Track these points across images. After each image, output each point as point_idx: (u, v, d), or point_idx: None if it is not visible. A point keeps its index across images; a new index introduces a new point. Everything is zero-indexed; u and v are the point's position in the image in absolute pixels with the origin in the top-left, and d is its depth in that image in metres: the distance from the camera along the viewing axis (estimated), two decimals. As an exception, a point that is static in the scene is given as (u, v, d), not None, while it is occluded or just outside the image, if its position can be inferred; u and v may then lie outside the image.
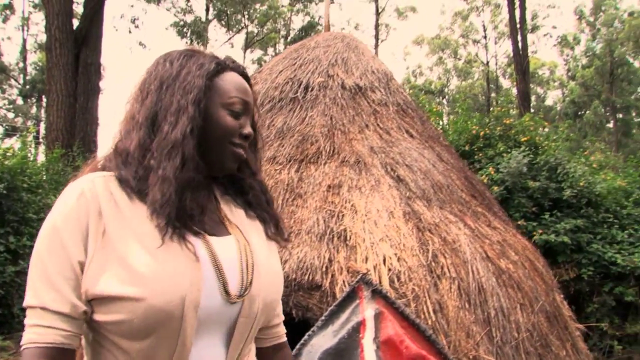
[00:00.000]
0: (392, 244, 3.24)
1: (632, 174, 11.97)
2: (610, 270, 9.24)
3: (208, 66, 1.41)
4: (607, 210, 10.10)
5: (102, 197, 1.25)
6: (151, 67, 1.45)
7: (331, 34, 5.94)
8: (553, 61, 45.19)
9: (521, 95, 21.75)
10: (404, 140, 4.44)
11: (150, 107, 1.35)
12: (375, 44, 35.01)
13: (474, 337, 2.99)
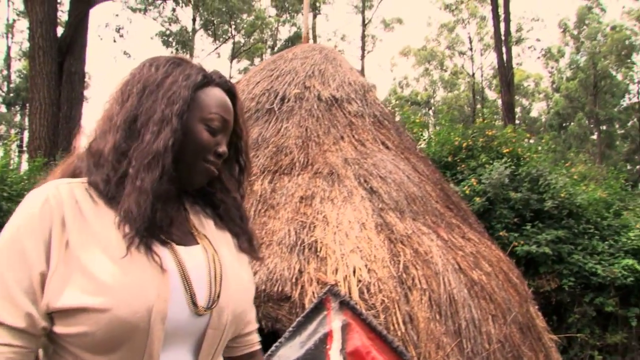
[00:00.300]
0: (363, 256, 3.25)
1: (613, 186, 12.08)
2: (590, 280, 9.30)
3: (195, 77, 1.37)
4: (588, 221, 10.18)
5: (66, 205, 1.19)
6: (136, 69, 1.40)
7: (309, 45, 5.95)
8: (538, 73, 45.59)
9: (506, 107, 21.92)
10: (379, 152, 4.46)
11: (130, 111, 1.30)
12: (362, 55, 35.19)
13: (444, 349, 3.00)
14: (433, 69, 43.64)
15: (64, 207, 1.19)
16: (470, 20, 39.91)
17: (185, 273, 1.26)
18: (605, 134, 40.40)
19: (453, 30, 41.04)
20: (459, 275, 3.50)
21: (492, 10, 23.12)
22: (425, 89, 44.14)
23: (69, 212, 1.19)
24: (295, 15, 33.01)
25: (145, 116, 1.29)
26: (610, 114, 38.80)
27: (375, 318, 2.88)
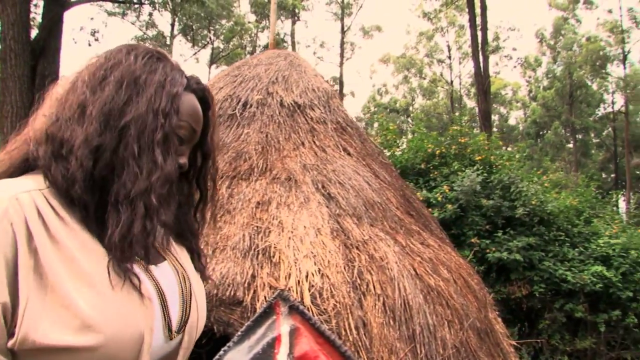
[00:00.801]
0: (317, 261, 3.25)
1: (584, 193, 12.24)
2: (561, 287, 9.41)
3: (181, 82, 1.26)
4: (558, 228, 10.30)
5: (30, 221, 1.01)
6: (111, 53, 1.23)
7: (274, 52, 5.98)
8: (517, 82, 46.13)
9: (482, 115, 22.08)
10: (340, 158, 4.48)
11: (108, 102, 1.13)
12: (341, 62, 35.31)
13: (398, 354, 3.01)
14: (412, 77, 43.94)
15: (28, 222, 1.01)
16: (449, 29, 40.31)
17: (164, 298, 1.17)
18: (580, 143, 40.93)
19: (432, 38, 41.40)
20: (415, 281, 3.52)
21: (469, 19, 23.31)
22: (404, 96, 44.41)
23: (36, 230, 1.01)
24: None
25: (137, 119, 1.14)
26: (585, 123, 39.33)
27: (327, 323, 2.88)
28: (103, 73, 1.18)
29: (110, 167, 1.12)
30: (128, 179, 1.10)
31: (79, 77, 1.20)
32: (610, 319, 9.36)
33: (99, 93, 1.14)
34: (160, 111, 1.16)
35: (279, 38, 32.28)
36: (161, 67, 1.23)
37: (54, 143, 1.10)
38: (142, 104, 1.15)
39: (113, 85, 1.15)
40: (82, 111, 1.13)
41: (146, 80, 1.19)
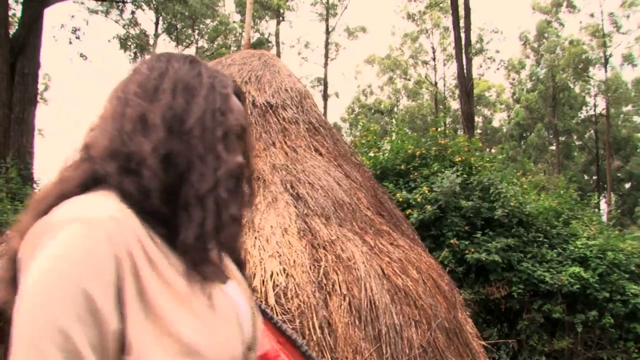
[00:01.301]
0: (282, 260, 3.26)
1: (563, 195, 12.35)
2: (539, 288, 9.49)
3: (227, 83, 1.28)
4: (537, 229, 10.40)
5: (131, 243, 0.99)
6: (153, 63, 1.24)
7: (249, 51, 5.97)
8: (501, 84, 46.45)
9: (465, 116, 22.21)
10: (311, 158, 4.49)
11: (168, 109, 1.14)
12: (325, 63, 35.37)
13: (363, 354, 3.02)
14: (397, 78, 44.10)
15: (130, 245, 0.99)
16: (434, 31, 40.52)
17: (240, 317, 1.18)
18: (563, 145, 41.31)
19: (417, 40, 41.58)
20: (382, 281, 3.53)
21: (452, 21, 23.44)
22: (389, 97, 44.54)
23: (136, 253, 0.99)
24: (259, 21, 33.05)
25: (199, 121, 1.16)
26: (568, 125, 39.69)
27: (291, 323, 2.89)
28: (154, 82, 1.18)
29: (179, 172, 1.12)
30: (196, 179, 1.11)
31: (125, 91, 1.19)
32: (587, 319, 9.46)
33: (156, 102, 1.15)
34: (217, 110, 1.19)
35: (263, 38, 32.35)
36: (203, 69, 1.25)
37: (120, 158, 1.08)
38: (199, 106, 1.17)
39: (169, 93, 1.16)
40: (144, 122, 1.12)
41: (196, 83, 1.21)
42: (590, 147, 41.95)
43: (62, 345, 0.86)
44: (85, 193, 1.06)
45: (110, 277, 0.93)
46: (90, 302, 0.89)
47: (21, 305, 0.89)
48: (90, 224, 0.95)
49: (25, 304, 0.89)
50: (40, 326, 0.86)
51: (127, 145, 1.09)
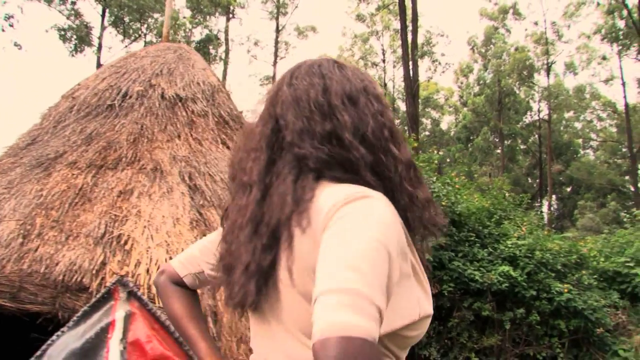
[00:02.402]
0: (170, 249, 3.28)
1: (497, 196, 12.65)
2: (469, 286, 9.66)
3: (373, 81, 1.43)
4: (470, 229, 10.58)
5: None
6: (306, 79, 1.38)
7: (165, 45, 5.96)
8: (450, 87, 47.15)
9: (410, 118, 22.48)
10: (216, 151, 4.52)
11: (352, 126, 1.29)
12: (274, 61, 35.26)
13: (247, 343, 3.06)
14: (348, 79, 44.24)
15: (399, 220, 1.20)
16: (384, 33, 40.87)
17: None
18: (508, 149, 42.18)
19: (367, 41, 41.87)
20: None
21: (400, 24, 23.73)
22: (339, 97, 44.62)
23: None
24: (209, 17, 32.76)
25: (372, 129, 1.30)
26: (513, 129, 40.57)
27: (160, 309, 2.91)
28: (323, 100, 1.32)
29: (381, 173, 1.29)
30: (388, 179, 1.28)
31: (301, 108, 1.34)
32: (515, 316, 9.68)
33: (336, 120, 1.30)
34: (377, 112, 1.34)
35: (212, 34, 32.03)
36: (350, 74, 1.39)
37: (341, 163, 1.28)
38: (366, 114, 1.32)
39: (342, 110, 1.31)
40: (338, 138, 1.29)
41: (354, 91, 1.35)
42: (534, 151, 42.98)
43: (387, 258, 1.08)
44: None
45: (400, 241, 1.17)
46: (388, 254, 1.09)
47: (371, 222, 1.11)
48: (385, 205, 1.17)
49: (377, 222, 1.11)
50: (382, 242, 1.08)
51: (337, 157, 1.28)
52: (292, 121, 1.33)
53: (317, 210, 1.20)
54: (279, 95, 1.40)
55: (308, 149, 1.29)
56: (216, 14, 33.19)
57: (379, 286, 1.04)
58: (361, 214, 1.13)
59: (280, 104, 1.38)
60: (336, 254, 1.07)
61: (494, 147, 42.32)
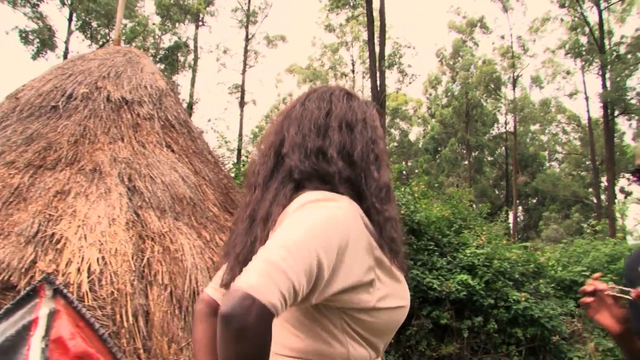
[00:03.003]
0: (103, 249, 3.30)
1: (457, 205, 12.81)
2: (428, 294, 9.73)
3: (374, 113, 1.71)
4: (430, 238, 10.67)
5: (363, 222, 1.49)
6: (316, 102, 1.65)
7: (115, 48, 5.97)
8: (419, 99, 47.54)
9: (377, 128, 22.62)
10: (160, 154, 4.54)
11: (340, 145, 1.57)
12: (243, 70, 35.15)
13: (179, 343, 3.09)
14: (318, 89, 44.32)
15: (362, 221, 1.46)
16: (354, 43, 41.12)
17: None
18: (475, 160, 42.65)
19: (337, 51, 42.05)
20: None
21: (367, 35, 23.94)
22: (309, 107, 44.63)
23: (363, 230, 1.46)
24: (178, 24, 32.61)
25: (360, 153, 1.58)
26: (480, 141, 41.04)
27: (102, 309, 2.93)
28: (323, 122, 1.60)
29: (358, 191, 1.55)
30: (366, 196, 1.53)
31: (301, 127, 1.61)
32: (473, 325, 9.78)
33: (328, 139, 1.57)
34: (369, 141, 1.60)
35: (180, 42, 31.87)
36: (356, 105, 1.66)
37: (319, 176, 1.54)
38: (359, 140, 1.59)
39: (337, 131, 1.58)
40: (324, 154, 1.55)
41: (353, 119, 1.62)
42: (501, 162, 43.53)
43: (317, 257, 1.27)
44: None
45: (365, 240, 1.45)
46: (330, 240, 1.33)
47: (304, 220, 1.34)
48: (343, 206, 1.44)
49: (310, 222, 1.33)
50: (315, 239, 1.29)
51: (317, 170, 1.53)
52: (292, 135, 1.60)
53: (285, 212, 1.46)
54: (291, 111, 1.67)
55: (295, 162, 1.55)
56: (185, 21, 33.05)
57: (302, 267, 1.23)
58: (312, 211, 1.38)
59: (289, 119, 1.65)
60: (278, 235, 1.31)
61: (461, 159, 42.74)
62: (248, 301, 1.14)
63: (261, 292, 1.15)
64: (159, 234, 3.70)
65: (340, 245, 1.34)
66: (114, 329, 2.89)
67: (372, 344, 1.52)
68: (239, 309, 1.13)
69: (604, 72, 30.50)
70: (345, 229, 1.37)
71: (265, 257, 1.23)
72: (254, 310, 1.13)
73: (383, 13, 23.47)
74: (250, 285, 1.16)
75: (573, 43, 33.24)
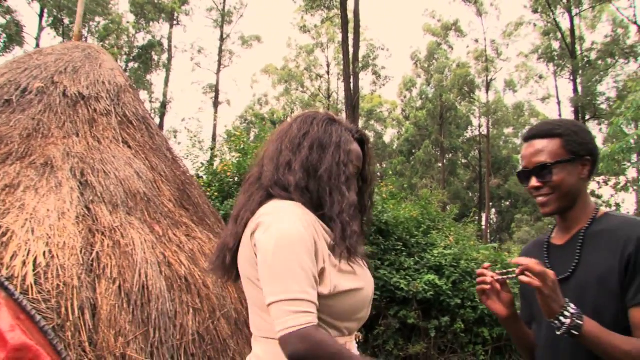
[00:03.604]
0: (51, 243, 3.28)
1: (426, 206, 12.90)
2: (396, 294, 9.78)
3: (348, 137, 1.97)
4: (398, 238, 10.73)
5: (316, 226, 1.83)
6: (301, 124, 1.95)
7: (74, 43, 5.94)
8: (394, 101, 47.81)
9: (350, 130, 22.71)
10: (115, 150, 4.54)
11: (306, 161, 1.87)
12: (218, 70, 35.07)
13: (127, 336, 3.10)
14: (294, 90, 44.44)
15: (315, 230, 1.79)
16: (329, 45, 41.23)
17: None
18: (449, 162, 43.04)
19: (312, 53, 42.11)
20: (162, 269, 3.63)
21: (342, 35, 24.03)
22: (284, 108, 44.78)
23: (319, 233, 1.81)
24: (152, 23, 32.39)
25: (325, 170, 1.87)
26: (454, 144, 41.42)
27: (47, 302, 2.93)
28: (298, 141, 1.90)
29: (317, 199, 1.87)
30: (329, 206, 1.84)
31: (282, 142, 1.93)
32: (440, 325, 9.86)
33: (298, 154, 1.88)
34: (341, 163, 1.88)
35: (154, 40, 31.70)
36: (334, 130, 1.95)
37: (279, 186, 1.87)
38: (328, 160, 1.87)
39: (307, 149, 1.88)
40: (290, 166, 1.87)
41: (327, 142, 1.90)
42: (475, 165, 43.98)
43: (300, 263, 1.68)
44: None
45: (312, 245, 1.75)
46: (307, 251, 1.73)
47: (275, 246, 1.69)
48: (295, 222, 1.75)
49: (278, 245, 1.69)
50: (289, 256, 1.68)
51: (281, 180, 1.87)
52: (271, 150, 1.94)
53: (252, 219, 1.83)
54: (281, 130, 1.99)
55: (267, 172, 1.90)
56: (160, 20, 32.85)
57: (300, 281, 1.66)
58: (269, 241, 1.70)
59: (277, 136, 1.97)
60: (266, 274, 1.70)
61: (435, 161, 43.09)
62: (293, 338, 1.62)
63: (305, 319, 1.64)
64: (110, 229, 3.70)
65: (306, 248, 1.72)
66: (58, 322, 2.89)
67: (337, 327, 1.81)
68: (294, 347, 1.61)
69: (575, 77, 31.01)
70: (300, 240, 1.70)
71: (279, 297, 1.66)
72: (300, 339, 1.62)
73: (357, 14, 23.59)
74: (284, 327, 1.63)
75: (545, 48, 33.74)
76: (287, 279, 1.66)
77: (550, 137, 2.15)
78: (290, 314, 1.63)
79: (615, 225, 2.03)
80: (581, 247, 2.09)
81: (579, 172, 2.14)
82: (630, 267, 1.89)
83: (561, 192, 2.12)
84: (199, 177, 11.07)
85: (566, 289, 2.01)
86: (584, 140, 2.17)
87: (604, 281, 1.96)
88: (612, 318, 1.91)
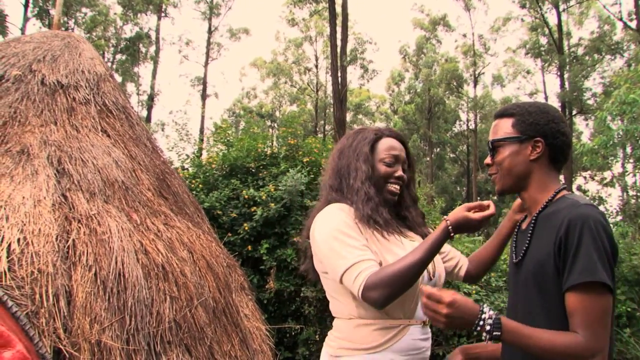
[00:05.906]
0: (25, 230, 3.28)
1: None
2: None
3: (369, 137, 2.50)
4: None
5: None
6: (338, 144, 2.61)
7: (53, 32, 5.90)
8: (383, 95, 47.92)
9: (337, 122, 22.81)
10: (94, 138, 4.53)
11: (334, 168, 2.54)
12: (206, 62, 34.98)
13: (102, 323, 3.12)
14: (283, 83, 44.45)
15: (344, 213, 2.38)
16: (318, 38, 41.22)
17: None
18: (437, 157, 43.21)
19: (300, 46, 42.08)
20: (139, 257, 3.64)
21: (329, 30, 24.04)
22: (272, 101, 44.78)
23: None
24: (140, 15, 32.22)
25: (346, 168, 2.48)
26: (442, 138, 41.60)
27: (21, 289, 2.94)
28: (333, 155, 2.60)
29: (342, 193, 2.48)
30: (354, 200, 2.41)
31: (334, 155, 2.66)
32: (424, 317, 9.91)
33: (331, 164, 2.59)
34: (356, 165, 2.44)
35: (142, 32, 31.55)
36: (353, 138, 2.56)
37: (333, 189, 2.54)
38: (346, 164, 2.48)
39: (336, 159, 2.57)
40: (331, 173, 2.57)
41: (346, 150, 2.52)
42: (462, 159, 44.19)
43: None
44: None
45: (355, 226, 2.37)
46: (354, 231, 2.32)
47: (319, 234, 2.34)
48: (338, 210, 2.42)
49: (320, 232, 2.33)
50: (332, 235, 2.29)
51: (332, 184, 2.53)
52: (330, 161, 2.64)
53: (318, 216, 2.43)
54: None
55: (324, 179, 2.66)
56: (148, 11, 32.68)
57: (349, 251, 2.20)
58: (320, 222, 2.36)
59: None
60: (324, 260, 2.31)
61: (423, 155, 43.25)
62: (365, 295, 2.13)
63: (358, 286, 2.13)
64: (87, 216, 3.70)
65: (346, 223, 2.30)
66: (32, 309, 2.89)
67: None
68: (372, 299, 2.13)
69: (563, 72, 31.23)
70: (339, 220, 2.30)
71: (345, 268, 2.19)
72: (369, 291, 2.12)
73: (346, 8, 23.59)
74: (356, 291, 2.15)
75: (533, 43, 33.95)
76: (338, 258, 2.19)
77: (506, 116, 2.19)
78: (353, 280, 2.13)
79: (561, 207, 1.99)
80: (532, 230, 2.10)
81: (527, 152, 2.11)
82: (562, 250, 1.87)
83: (504, 171, 2.14)
84: (184, 169, 11.06)
85: (518, 273, 2.08)
86: (537, 121, 2.10)
87: (544, 265, 1.95)
88: (557, 302, 1.89)
